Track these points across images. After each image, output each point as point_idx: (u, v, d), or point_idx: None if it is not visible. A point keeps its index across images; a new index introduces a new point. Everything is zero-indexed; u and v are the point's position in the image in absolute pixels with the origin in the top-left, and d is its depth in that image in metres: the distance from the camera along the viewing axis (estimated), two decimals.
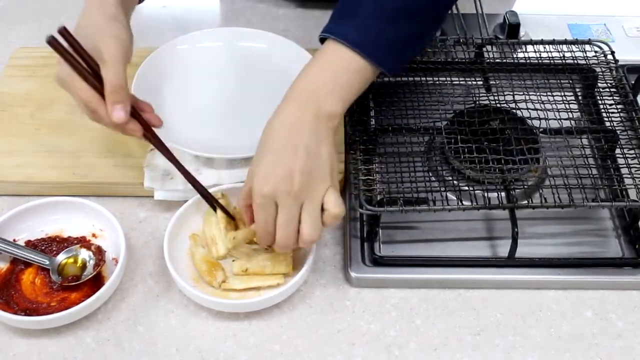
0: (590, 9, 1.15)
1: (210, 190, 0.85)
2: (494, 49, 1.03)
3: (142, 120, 0.79)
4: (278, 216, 0.73)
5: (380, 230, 0.88)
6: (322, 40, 0.79)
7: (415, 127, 0.92)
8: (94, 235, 0.87)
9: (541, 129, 0.89)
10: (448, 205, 0.82)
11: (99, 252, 0.83)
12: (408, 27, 0.78)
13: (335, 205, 0.73)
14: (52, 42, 0.71)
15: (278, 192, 0.71)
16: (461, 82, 0.99)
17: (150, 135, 0.80)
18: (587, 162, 0.88)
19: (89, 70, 0.75)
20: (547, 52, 1.00)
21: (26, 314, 0.78)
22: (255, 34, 1.06)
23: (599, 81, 0.99)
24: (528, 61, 1.00)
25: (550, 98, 0.95)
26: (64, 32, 0.72)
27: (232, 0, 1.23)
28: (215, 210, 0.83)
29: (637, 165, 0.87)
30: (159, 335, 0.80)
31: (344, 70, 0.76)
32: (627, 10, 1.17)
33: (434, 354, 0.79)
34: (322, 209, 0.74)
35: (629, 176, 0.85)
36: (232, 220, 0.84)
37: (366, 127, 0.91)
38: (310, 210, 0.73)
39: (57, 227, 0.87)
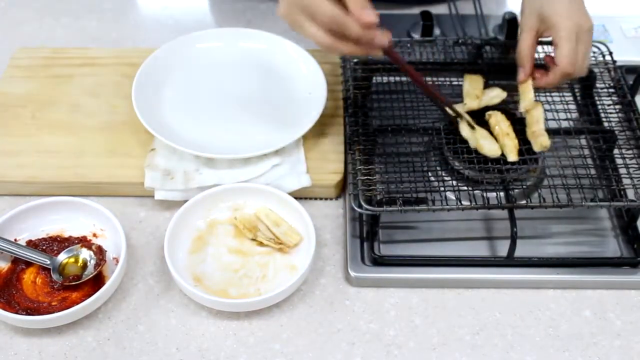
0: (588, 10, 1.15)
1: (214, 190, 0.87)
2: (493, 49, 1.03)
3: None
4: (579, 48, 0.84)
5: (379, 230, 0.88)
6: None
7: (415, 127, 0.92)
8: (94, 235, 0.87)
9: None
10: (447, 205, 0.82)
11: (100, 252, 0.84)
12: None
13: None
14: None
15: (580, 27, 0.84)
16: (460, 83, 0.99)
17: (391, 51, 0.80)
18: (585, 162, 0.88)
19: None
20: (545, 52, 1.01)
21: (27, 314, 0.79)
22: (255, 34, 1.07)
23: (597, 82, 0.99)
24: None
25: (549, 98, 0.96)
26: None
27: (233, 0, 1.23)
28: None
29: (635, 165, 0.87)
30: (159, 334, 0.80)
31: None
32: (626, 10, 1.17)
33: (433, 353, 0.79)
34: None
35: (627, 176, 0.86)
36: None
37: (366, 127, 0.91)
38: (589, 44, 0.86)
39: (58, 226, 0.87)
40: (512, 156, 0.86)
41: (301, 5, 0.75)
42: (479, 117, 0.91)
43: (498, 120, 0.89)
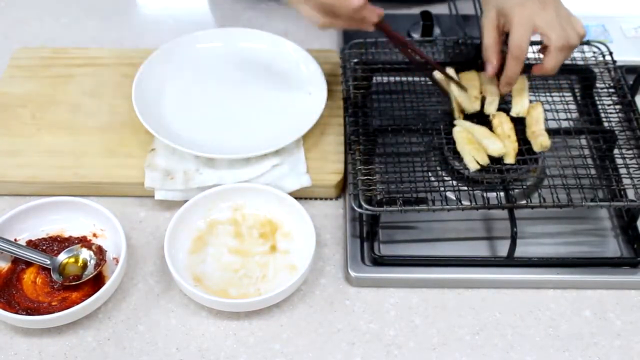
0: (588, 10, 1.15)
1: (214, 190, 0.87)
2: None
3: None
4: (539, 23, 0.83)
5: (379, 230, 0.88)
6: None
7: (415, 128, 0.92)
8: (94, 235, 0.87)
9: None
10: (447, 205, 0.82)
11: (100, 252, 0.84)
12: None
13: (582, 26, 0.86)
14: None
15: (534, 12, 0.83)
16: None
17: (383, 25, 0.85)
18: (585, 163, 0.88)
19: None
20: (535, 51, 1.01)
21: (27, 314, 0.79)
22: (255, 34, 1.07)
23: (597, 82, 0.99)
24: (527, 62, 1.00)
25: (549, 99, 0.96)
26: None
27: (233, 0, 1.23)
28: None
29: (635, 165, 0.87)
30: (159, 334, 0.80)
31: None
32: (626, 10, 1.17)
33: (433, 353, 0.79)
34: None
35: (627, 176, 0.86)
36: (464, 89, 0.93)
37: (366, 127, 0.91)
38: (565, 20, 0.85)
39: (58, 226, 0.87)
40: (510, 159, 0.86)
41: None
42: (479, 117, 0.91)
43: (501, 121, 0.89)
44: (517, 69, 0.86)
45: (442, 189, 0.86)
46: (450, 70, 0.94)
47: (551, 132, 0.90)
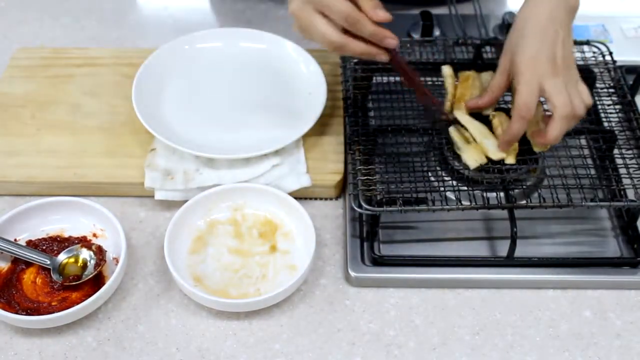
0: (588, 10, 1.15)
1: (214, 190, 0.87)
2: (493, 49, 1.03)
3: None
4: (547, 87, 0.79)
5: (379, 230, 0.88)
6: None
7: (415, 128, 0.92)
8: (94, 235, 0.87)
9: None
10: (447, 205, 0.82)
11: (100, 252, 0.84)
12: None
13: (588, 96, 0.82)
14: None
15: (544, 74, 0.79)
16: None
17: (397, 57, 0.81)
18: (585, 163, 0.88)
19: None
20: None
21: (27, 314, 0.79)
22: (255, 34, 1.07)
23: (597, 82, 0.99)
24: None
25: None
26: None
27: (233, 0, 1.23)
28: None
29: (635, 165, 0.87)
30: (159, 334, 0.80)
31: None
32: (626, 10, 1.17)
33: (433, 353, 0.79)
34: None
35: (627, 176, 0.86)
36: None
37: (366, 127, 0.91)
38: (573, 88, 0.80)
39: (58, 226, 0.87)
40: (511, 159, 0.86)
41: (315, 2, 0.75)
42: (479, 115, 0.91)
43: (501, 121, 0.88)
44: (522, 129, 0.81)
45: (442, 189, 0.86)
46: (448, 69, 0.93)
47: None
